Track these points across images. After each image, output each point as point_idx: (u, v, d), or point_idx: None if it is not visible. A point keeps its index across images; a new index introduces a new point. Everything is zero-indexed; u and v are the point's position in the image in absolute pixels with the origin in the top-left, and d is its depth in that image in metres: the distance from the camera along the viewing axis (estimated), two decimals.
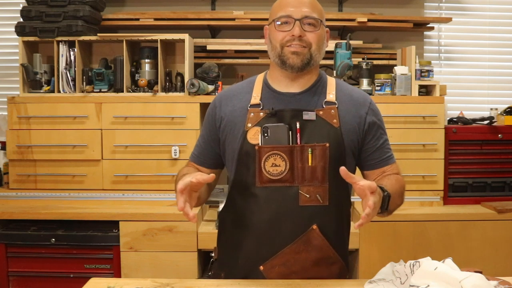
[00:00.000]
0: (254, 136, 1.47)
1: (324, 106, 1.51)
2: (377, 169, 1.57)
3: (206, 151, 1.63)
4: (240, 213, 1.51)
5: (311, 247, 1.47)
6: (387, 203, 1.39)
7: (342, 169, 1.28)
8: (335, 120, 1.49)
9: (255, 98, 1.54)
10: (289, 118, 1.48)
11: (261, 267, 1.47)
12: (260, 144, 1.45)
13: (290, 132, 1.47)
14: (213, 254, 1.64)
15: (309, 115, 1.49)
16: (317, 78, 1.57)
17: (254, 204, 1.48)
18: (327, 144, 1.46)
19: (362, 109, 1.55)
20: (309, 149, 1.44)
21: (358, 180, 1.28)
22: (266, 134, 1.46)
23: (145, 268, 2.65)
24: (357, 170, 1.62)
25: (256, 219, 1.48)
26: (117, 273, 2.66)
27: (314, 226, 1.46)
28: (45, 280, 2.70)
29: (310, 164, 1.44)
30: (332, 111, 1.50)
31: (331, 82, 1.59)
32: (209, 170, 1.62)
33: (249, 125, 1.49)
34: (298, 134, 1.47)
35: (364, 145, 1.55)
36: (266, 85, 1.57)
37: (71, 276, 2.69)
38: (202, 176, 1.32)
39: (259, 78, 1.60)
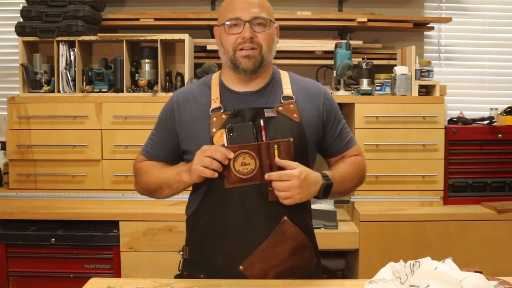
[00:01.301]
0: (220, 138, 1.48)
1: (282, 101, 1.54)
2: (338, 155, 1.63)
3: (165, 150, 1.63)
4: (212, 215, 1.52)
5: (285, 239, 1.49)
6: (323, 190, 1.46)
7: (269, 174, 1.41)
8: (295, 115, 1.52)
9: (215, 102, 1.54)
10: (252, 116, 1.49)
11: (241, 267, 1.48)
12: (226, 144, 1.45)
13: (255, 130, 1.47)
14: (181, 253, 1.63)
15: (270, 112, 1.51)
16: (271, 76, 1.60)
17: (226, 206, 1.49)
18: (291, 139, 1.48)
19: (319, 100, 1.58)
20: (275, 145, 1.46)
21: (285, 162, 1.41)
22: (231, 134, 1.46)
23: (145, 268, 2.65)
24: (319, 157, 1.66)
25: (231, 219, 1.49)
26: (117, 273, 2.66)
27: (285, 218, 1.49)
28: (45, 280, 2.70)
29: (276, 159, 1.45)
30: (291, 106, 1.53)
31: (285, 76, 1.62)
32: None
33: (214, 129, 1.49)
34: (263, 131, 1.48)
35: (325, 135, 1.59)
36: (222, 86, 1.58)
37: (71, 276, 2.69)
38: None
39: (214, 80, 1.60)
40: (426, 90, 2.98)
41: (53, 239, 2.67)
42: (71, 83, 2.92)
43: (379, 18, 3.16)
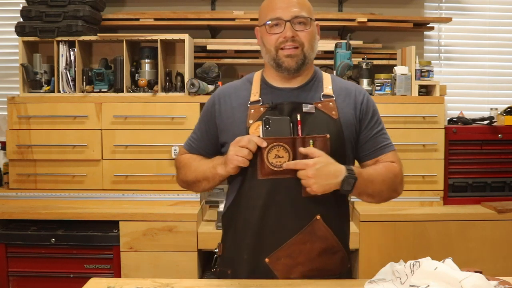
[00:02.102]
0: (256, 130, 1.48)
1: (322, 99, 1.54)
2: (372, 159, 1.60)
3: (205, 145, 1.65)
4: (243, 207, 1.52)
5: (315, 237, 1.48)
6: (346, 184, 1.42)
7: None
8: (334, 112, 1.52)
9: (255, 95, 1.56)
10: (289, 111, 1.50)
11: (267, 260, 1.48)
12: (262, 136, 1.46)
13: (292, 124, 1.48)
14: (216, 250, 1.64)
15: (308, 108, 1.51)
16: (312, 74, 1.61)
17: (258, 198, 1.49)
18: (328, 136, 1.47)
19: (358, 100, 1.58)
20: (311, 141, 1.46)
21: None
22: (267, 126, 1.46)
23: (145, 268, 2.65)
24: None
25: (260, 212, 1.49)
26: (117, 273, 2.66)
27: (318, 217, 1.48)
28: (45, 280, 2.70)
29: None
30: (331, 103, 1.54)
31: (327, 77, 1.63)
32: None
33: (251, 121, 1.51)
34: (299, 126, 1.48)
35: (359, 135, 1.58)
36: (264, 82, 1.60)
37: (71, 276, 2.69)
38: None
39: (257, 76, 1.63)
40: (426, 90, 2.98)
41: (53, 239, 2.67)
42: (71, 83, 2.92)
43: (379, 18, 3.16)
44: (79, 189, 2.86)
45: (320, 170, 1.39)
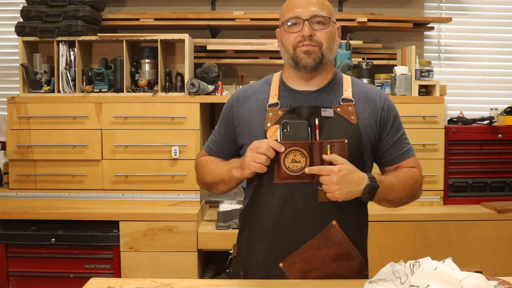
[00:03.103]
0: (274, 134, 1.48)
1: (341, 103, 1.53)
2: (393, 165, 1.59)
3: (224, 146, 1.65)
4: (259, 210, 1.52)
5: (331, 243, 1.47)
6: (367, 192, 1.42)
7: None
8: (352, 117, 1.51)
9: (273, 98, 1.55)
10: (308, 115, 1.49)
11: (281, 264, 1.47)
12: (279, 140, 1.45)
13: (309, 128, 1.47)
14: (231, 251, 1.64)
15: (327, 112, 1.50)
16: (332, 76, 1.58)
17: (274, 201, 1.48)
18: (346, 141, 1.46)
19: (378, 106, 1.56)
20: (328, 146, 1.45)
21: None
22: (285, 130, 1.46)
23: (145, 268, 2.65)
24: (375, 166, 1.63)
25: (276, 216, 1.48)
26: (117, 273, 2.66)
27: (334, 222, 1.47)
28: (45, 280, 2.70)
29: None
30: (350, 108, 1.52)
31: (347, 79, 1.60)
32: None
33: (269, 124, 1.50)
34: (317, 130, 1.47)
35: (381, 141, 1.56)
36: (282, 84, 1.59)
37: (71, 276, 2.69)
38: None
39: (276, 78, 1.61)
40: (426, 90, 2.98)
41: (53, 239, 2.67)
42: (71, 83, 2.92)
43: (379, 18, 3.16)
44: (79, 189, 2.86)
45: (344, 177, 1.38)
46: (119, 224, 2.67)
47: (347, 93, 1.54)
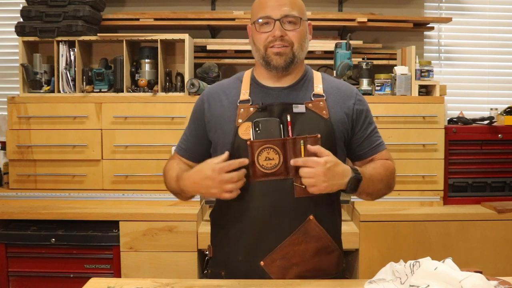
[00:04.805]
0: (246, 132, 1.48)
1: (312, 98, 1.53)
2: (367, 158, 1.60)
3: (194, 145, 1.63)
4: (235, 210, 1.52)
5: (309, 238, 1.48)
6: (351, 184, 1.42)
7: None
8: (324, 112, 1.52)
9: (244, 94, 1.55)
10: (279, 112, 1.49)
11: (262, 263, 1.48)
12: (252, 139, 1.46)
13: (282, 125, 1.47)
14: (207, 253, 1.64)
15: (298, 108, 1.50)
16: (303, 73, 1.60)
17: (250, 200, 1.48)
18: (319, 135, 1.47)
19: (350, 100, 1.57)
20: (301, 141, 1.45)
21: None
22: (257, 129, 1.46)
23: (145, 268, 2.65)
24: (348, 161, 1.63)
25: (253, 214, 1.48)
26: (117, 273, 2.66)
27: (311, 217, 1.48)
28: (45, 280, 2.70)
29: (303, 156, 1.44)
30: (321, 103, 1.53)
31: (317, 76, 1.61)
32: (196, 164, 1.60)
33: (240, 120, 1.50)
34: (290, 127, 1.48)
35: (354, 135, 1.57)
36: (254, 81, 1.59)
37: (71, 276, 2.69)
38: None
39: (247, 75, 1.61)
40: (426, 90, 2.98)
41: (53, 239, 2.67)
42: (71, 83, 2.92)
43: (379, 18, 3.16)
44: (79, 189, 2.86)
45: (330, 170, 1.38)
46: (119, 224, 2.67)
47: (318, 88, 1.55)
